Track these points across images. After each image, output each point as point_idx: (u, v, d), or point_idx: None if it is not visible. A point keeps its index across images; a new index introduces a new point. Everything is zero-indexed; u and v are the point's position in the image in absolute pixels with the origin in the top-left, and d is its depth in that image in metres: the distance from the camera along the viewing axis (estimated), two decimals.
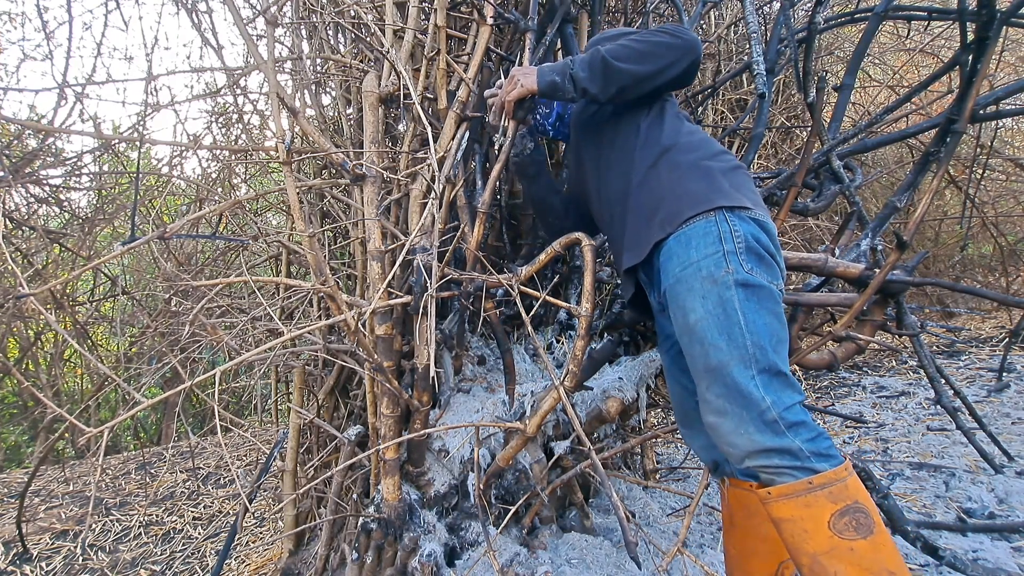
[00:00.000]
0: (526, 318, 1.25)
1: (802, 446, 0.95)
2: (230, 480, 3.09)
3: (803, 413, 0.98)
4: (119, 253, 1.15)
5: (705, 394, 1.04)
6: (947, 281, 2.39)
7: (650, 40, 1.17)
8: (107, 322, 3.73)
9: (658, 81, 1.17)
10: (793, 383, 1.00)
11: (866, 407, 3.04)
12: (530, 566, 1.43)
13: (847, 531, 0.91)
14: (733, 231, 1.04)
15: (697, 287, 1.04)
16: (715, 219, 1.06)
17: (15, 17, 2.93)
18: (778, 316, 1.03)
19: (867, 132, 2.14)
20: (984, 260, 4.54)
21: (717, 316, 1.01)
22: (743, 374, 0.98)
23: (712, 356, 1.01)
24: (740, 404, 0.98)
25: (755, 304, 1.01)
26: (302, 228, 1.14)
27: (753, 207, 1.09)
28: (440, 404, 1.59)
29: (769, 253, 1.06)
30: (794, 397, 0.99)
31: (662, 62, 1.16)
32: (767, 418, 0.96)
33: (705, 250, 1.05)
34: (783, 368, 1.00)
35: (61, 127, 2.42)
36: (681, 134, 1.20)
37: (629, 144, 1.23)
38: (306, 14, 1.91)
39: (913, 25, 3.10)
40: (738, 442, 0.99)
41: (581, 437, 1.21)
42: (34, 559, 2.32)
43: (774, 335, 1.01)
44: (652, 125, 1.23)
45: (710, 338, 1.01)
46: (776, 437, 0.96)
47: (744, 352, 0.99)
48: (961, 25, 1.40)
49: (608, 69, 1.16)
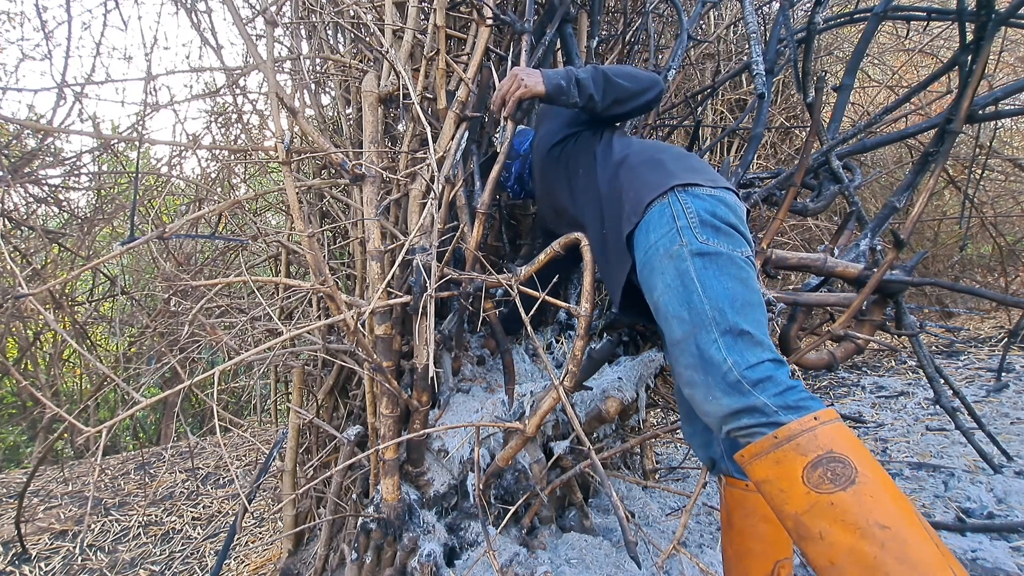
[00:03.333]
0: (525, 318, 1.25)
1: (768, 401, 0.92)
2: (229, 480, 3.09)
3: (771, 368, 0.95)
4: (118, 253, 1.15)
5: (678, 369, 1.04)
6: (946, 281, 2.39)
7: (630, 70, 1.34)
8: (106, 322, 3.73)
9: (639, 101, 1.32)
10: (760, 341, 0.97)
11: (865, 407, 3.04)
12: (529, 566, 1.43)
13: (823, 484, 0.84)
14: (685, 208, 1.09)
15: (657, 266, 1.08)
16: (668, 200, 1.11)
17: (14, 17, 2.93)
18: (742, 281, 1.02)
19: (866, 132, 2.14)
20: (983, 260, 4.55)
21: (676, 288, 1.04)
22: (706, 339, 0.98)
23: (676, 328, 1.03)
24: (705, 370, 0.98)
25: (714, 271, 1.02)
26: (301, 228, 1.14)
27: (707, 184, 1.13)
28: (439, 404, 1.59)
29: (728, 224, 1.08)
30: (759, 354, 0.96)
31: (644, 85, 1.32)
32: (730, 379, 0.95)
33: (661, 230, 1.09)
34: (746, 327, 0.97)
35: (60, 127, 2.42)
36: (630, 146, 1.30)
37: (590, 168, 1.34)
38: (305, 14, 1.91)
39: (912, 25, 3.11)
40: (710, 409, 0.98)
41: (581, 437, 1.21)
42: (33, 559, 2.32)
43: (736, 298, 1.00)
44: (604, 147, 1.35)
45: (673, 311, 1.03)
46: (742, 397, 0.94)
47: (704, 317, 0.99)
48: (960, 25, 1.40)
49: (609, 82, 1.29)
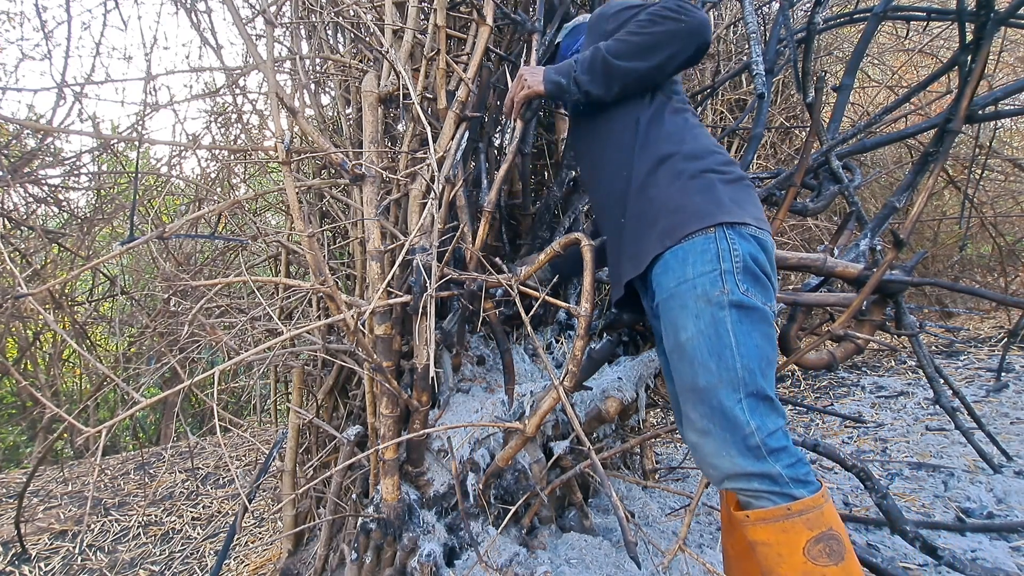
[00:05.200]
0: (526, 318, 1.25)
1: (782, 471, 0.96)
2: (229, 480, 3.09)
3: (785, 438, 0.98)
4: (118, 253, 1.15)
5: (689, 412, 1.03)
6: (946, 281, 2.39)
7: (652, 30, 1.10)
8: (106, 322, 3.73)
9: (666, 71, 1.13)
10: (778, 407, 1.00)
11: (865, 407, 3.04)
12: (529, 566, 1.43)
13: (820, 557, 0.93)
14: (732, 249, 1.01)
15: (691, 305, 1.02)
16: (714, 236, 1.02)
17: (14, 16, 2.93)
18: (769, 338, 1.02)
19: (866, 132, 2.14)
20: (983, 260, 4.55)
21: (709, 336, 0.99)
22: (730, 397, 0.98)
23: (701, 376, 1.00)
24: (724, 426, 0.98)
25: (748, 326, 0.99)
26: (301, 228, 1.14)
27: (754, 223, 1.05)
28: (439, 404, 1.59)
29: (765, 273, 1.04)
30: (778, 422, 0.99)
31: (666, 53, 1.10)
32: (750, 443, 0.97)
33: (702, 267, 1.02)
34: (770, 392, 0.99)
35: (60, 127, 2.42)
36: (684, 139, 1.13)
37: (626, 142, 1.17)
38: (305, 14, 1.91)
39: (912, 25, 3.11)
40: (719, 464, 1.00)
41: (581, 437, 1.21)
42: (33, 559, 2.32)
43: (764, 358, 1.00)
44: (652, 122, 1.15)
45: (700, 358, 1.00)
46: (758, 462, 0.96)
47: (733, 375, 0.98)
48: (960, 26, 1.41)
49: (609, 69, 1.12)
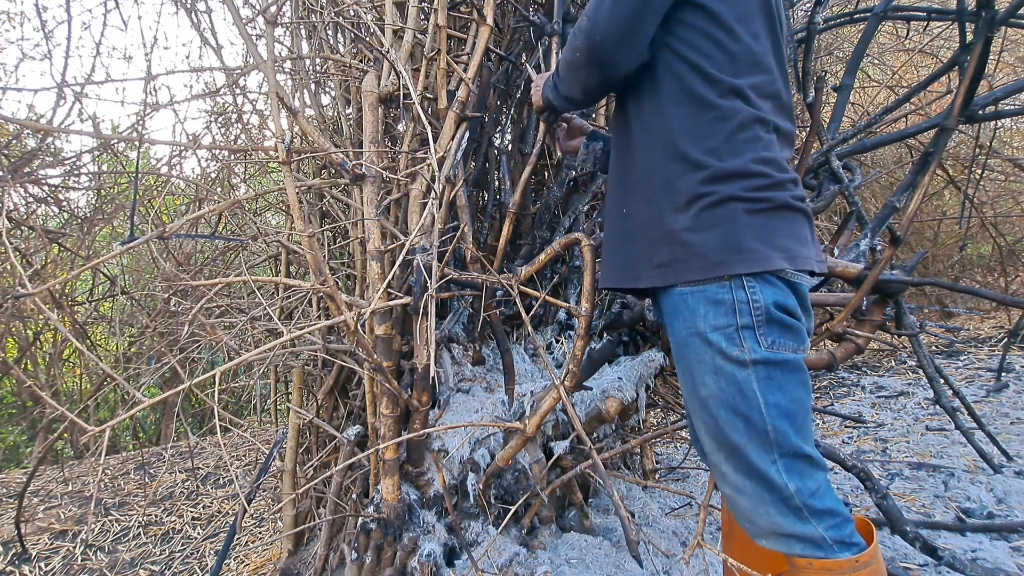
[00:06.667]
0: (526, 318, 1.25)
1: (825, 535, 0.88)
2: (229, 480, 3.09)
3: (830, 496, 0.90)
4: (118, 253, 1.15)
5: (720, 464, 0.94)
6: (946, 281, 2.39)
7: (564, 57, 1.00)
8: (106, 322, 3.73)
9: (598, 97, 1.05)
10: (817, 461, 0.90)
11: (865, 407, 3.04)
12: (529, 566, 1.43)
13: None
14: (752, 301, 0.86)
15: (708, 360, 0.89)
16: (730, 285, 0.86)
17: (14, 16, 2.92)
18: (803, 385, 0.90)
19: (866, 132, 2.14)
20: (983, 260, 4.55)
21: (732, 396, 0.88)
22: (763, 459, 0.88)
23: (728, 434, 0.90)
24: (760, 486, 0.89)
25: (777, 382, 0.87)
26: (301, 228, 1.14)
27: (788, 263, 0.87)
28: (439, 404, 1.59)
29: (795, 317, 0.89)
30: (818, 479, 0.90)
31: (579, 85, 0.99)
32: (791, 504, 0.88)
33: (714, 320, 0.88)
34: (807, 450, 0.89)
35: (60, 127, 2.42)
36: (716, 117, 0.88)
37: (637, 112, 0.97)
38: (305, 14, 1.91)
39: (912, 25, 3.10)
40: (757, 521, 0.92)
41: (581, 437, 1.21)
42: (33, 559, 2.32)
43: (799, 412, 0.89)
44: (667, 113, 0.92)
45: (724, 417, 0.90)
46: (799, 523, 0.88)
47: (764, 437, 0.88)
48: (960, 25, 1.41)
49: (556, 89, 1.08)
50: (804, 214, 0.93)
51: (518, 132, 2.00)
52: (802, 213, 0.92)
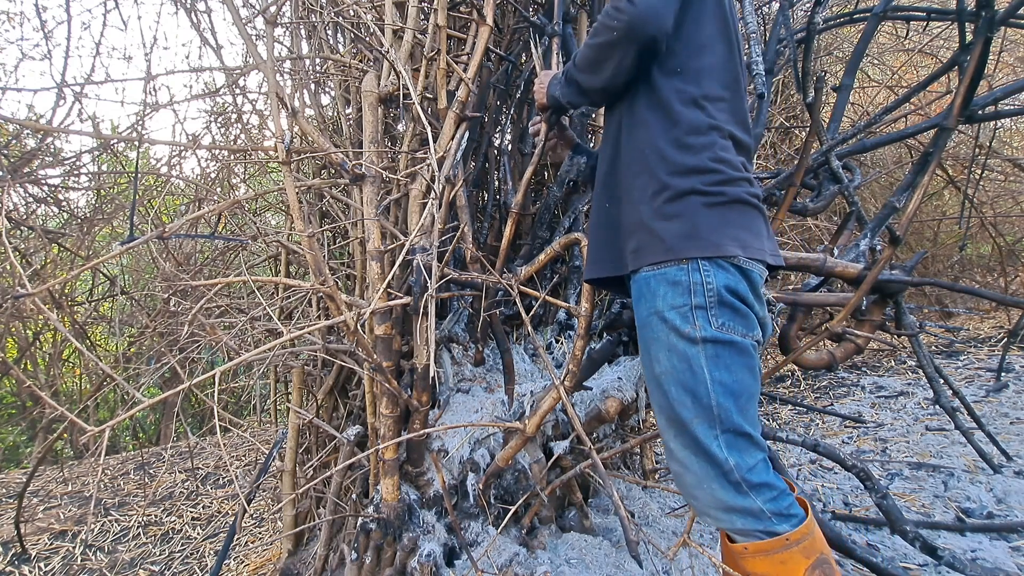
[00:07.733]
0: (526, 318, 1.25)
1: (763, 507, 0.95)
2: (229, 480, 3.09)
3: (766, 472, 0.97)
4: (118, 253, 1.15)
5: (669, 442, 1.02)
6: (946, 281, 2.40)
7: (595, 42, 1.03)
8: (106, 322, 3.73)
9: (620, 81, 1.05)
10: (757, 442, 0.98)
11: (865, 407, 3.04)
12: (529, 566, 1.43)
13: None
14: (705, 283, 0.95)
15: (663, 338, 0.98)
16: (687, 268, 0.96)
17: (13, 16, 2.92)
18: (750, 370, 0.98)
19: (866, 132, 2.14)
20: (982, 260, 4.55)
21: (682, 372, 0.97)
22: (707, 433, 0.96)
23: (676, 410, 0.98)
24: (704, 460, 0.97)
25: (724, 361, 0.95)
26: (301, 228, 1.14)
27: (742, 252, 0.97)
28: (439, 404, 1.59)
29: (746, 303, 0.98)
30: (756, 456, 0.97)
31: (610, 67, 1.03)
32: (731, 479, 0.96)
33: (671, 301, 0.97)
34: (748, 428, 0.97)
35: (60, 127, 2.42)
36: (680, 123, 1.01)
37: (623, 118, 1.09)
38: (305, 14, 1.91)
39: (912, 25, 3.11)
40: (701, 497, 0.99)
41: (581, 436, 1.22)
42: (32, 559, 2.32)
43: (742, 393, 0.97)
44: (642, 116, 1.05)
45: (674, 393, 0.98)
46: (740, 497, 0.96)
47: (709, 412, 0.96)
48: (960, 26, 1.41)
49: (571, 83, 1.13)
50: (758, 210, 1.03)
51: (518, 132, 2.01)
52: (756, 209, 1.03)
